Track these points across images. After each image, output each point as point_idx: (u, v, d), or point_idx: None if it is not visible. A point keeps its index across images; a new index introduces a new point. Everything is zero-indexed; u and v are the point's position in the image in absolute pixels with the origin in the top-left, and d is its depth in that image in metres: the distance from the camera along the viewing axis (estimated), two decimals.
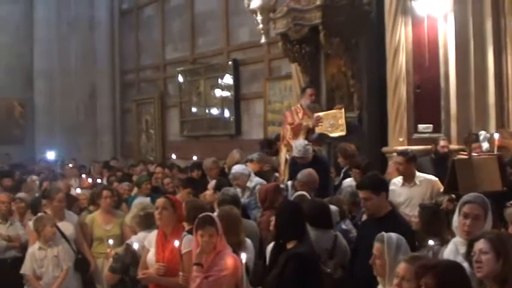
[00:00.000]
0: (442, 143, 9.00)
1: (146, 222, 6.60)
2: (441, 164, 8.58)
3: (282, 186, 8.32)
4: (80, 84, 20.64)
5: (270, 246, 5.99)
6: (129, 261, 6.40)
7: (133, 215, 6.84)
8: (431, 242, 5.43)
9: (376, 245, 4.75)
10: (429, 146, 9.10)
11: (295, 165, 8.97)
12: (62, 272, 7.69)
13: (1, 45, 20.44)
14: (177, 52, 18.11)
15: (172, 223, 6.04)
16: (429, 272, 3.75)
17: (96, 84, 20.82)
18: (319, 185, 8.15)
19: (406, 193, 7.74)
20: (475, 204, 4.85)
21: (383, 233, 4.80)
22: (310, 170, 8.25)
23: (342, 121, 9.77)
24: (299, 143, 9.08)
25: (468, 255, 4.11)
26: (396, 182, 7.83)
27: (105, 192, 8.55)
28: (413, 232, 5.80)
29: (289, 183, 8.58)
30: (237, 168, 9.04)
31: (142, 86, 20.06)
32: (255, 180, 8.79)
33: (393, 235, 4.80)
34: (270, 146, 11.02)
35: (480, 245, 3.98)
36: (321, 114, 9.93)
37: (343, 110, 9.88)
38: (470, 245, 4.10)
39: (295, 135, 9.75)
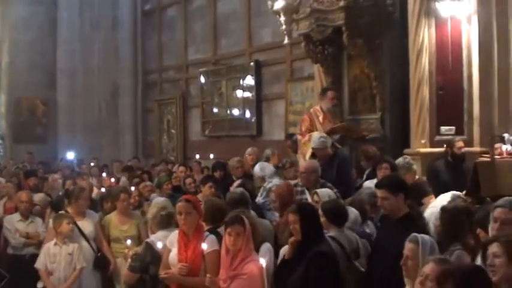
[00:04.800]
0: (458, 144, 8.93)
1: (165, 222, 6.59)
2: (457, 167, 8.50)
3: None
4: (103, 83, 20.69)
5: (284, 249, 5.93)
6: (149, 259, 6.38)
7: (152, 215, 6.80)
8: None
9: (410, 246, 4.67)
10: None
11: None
12: (75, 271, 7.73)
13: (24, 45, 20.61)
14: (199, 53, 18.13)
15: (195, 224, 6.06)
16: (449, 280, 3.72)
17: (119, 83, 20.87)
18: (338, 181, 8.22)
19: None
20: (506, 208, 4.64)
21: (416, 234, 4.74)
22: (312, 161, 8.50)
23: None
24: (315, 136, 9.34)
25: (483, 259, 4.03)
26: None
27: (122, 195, 8.53)
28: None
29: None
30: (256, 168, 9.14)
31: (165, 86, 20.12)
32: (273, 181, 8.75)
33: (426, 237, 4.76)
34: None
35: (493, 248, 3.91)
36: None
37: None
38: (484, 249, 4.02)
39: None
